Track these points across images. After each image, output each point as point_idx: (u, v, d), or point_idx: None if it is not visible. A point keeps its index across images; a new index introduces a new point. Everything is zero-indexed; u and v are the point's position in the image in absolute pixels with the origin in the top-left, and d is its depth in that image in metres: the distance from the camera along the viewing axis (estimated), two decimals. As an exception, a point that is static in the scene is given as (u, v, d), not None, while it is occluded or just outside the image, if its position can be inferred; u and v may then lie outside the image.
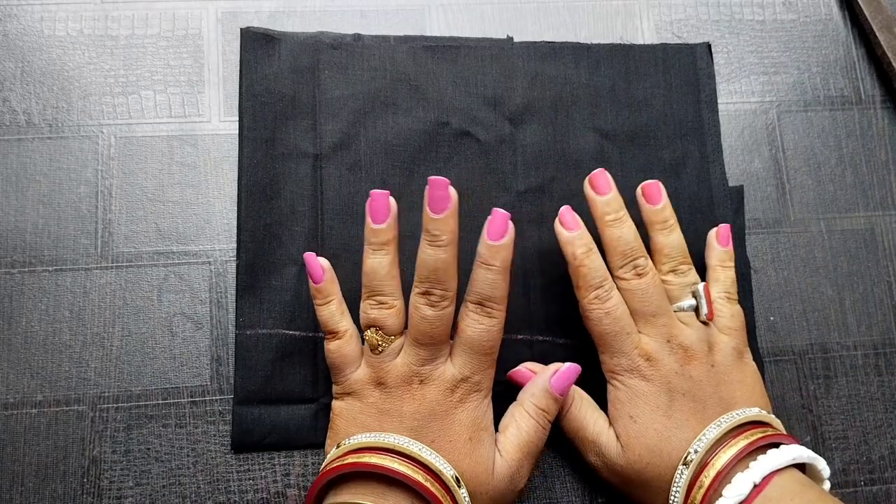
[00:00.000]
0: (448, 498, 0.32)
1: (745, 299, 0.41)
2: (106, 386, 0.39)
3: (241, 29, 0.42)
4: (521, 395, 0.37)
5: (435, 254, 0.33)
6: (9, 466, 0.37)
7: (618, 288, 0.36)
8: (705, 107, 0.44)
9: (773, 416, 0.36)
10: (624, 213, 0.37)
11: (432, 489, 0.31)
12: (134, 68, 0.43)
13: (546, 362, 0.39)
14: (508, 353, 0.39)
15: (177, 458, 0.38)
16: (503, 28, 0.45)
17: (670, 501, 0.33)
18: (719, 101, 0.45)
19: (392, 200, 0.35)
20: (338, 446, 0.34)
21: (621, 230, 0.36)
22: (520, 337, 0.40)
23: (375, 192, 0.34)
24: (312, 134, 0.41)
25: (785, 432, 0.35)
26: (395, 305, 0.35)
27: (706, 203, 0.42)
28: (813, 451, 0.40)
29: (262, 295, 0.39)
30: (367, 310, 0.35)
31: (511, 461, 0.35)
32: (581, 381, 0.38)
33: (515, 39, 0.44)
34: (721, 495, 0.32)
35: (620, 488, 0.37)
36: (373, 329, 0.35)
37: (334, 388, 0.36)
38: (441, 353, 0.35)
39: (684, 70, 0.44)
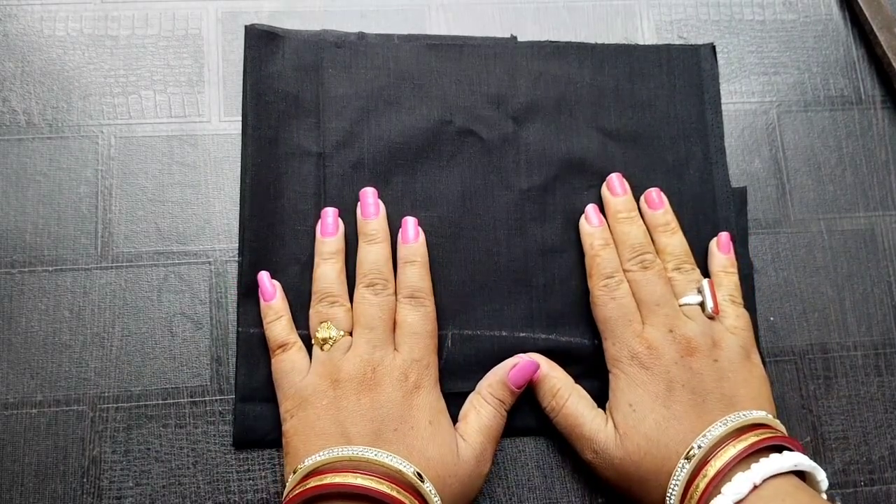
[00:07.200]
0: (412, 497, 0.32)
1: (749, 301, 0.41)
2: (106, 386, 0.39)
3: (245, 26, 0.42)
4: (480, 385, 0.38)
5: (374, 249, 0.38)
6: (9, 466, 0.37)
7: (627, 281, 0.38)
8: (709, 108, 0.44)
9: (778, 421, 0.35)
10: (636, 213, 0.40)
11: (395, 494, 0.31)
12: (134, 68, 0.43)
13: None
14: (511, 352, 0.39)
15: (177, 458, 0.38)
16: (503, 28, 0.45)
17: (668, 494, 0.33)
18: (719, 101, 0.45)
19: (340, 220, 0.40)
20: (294, 472, 0.33)
21: (631, 227, 0.40)
22: (522, 335, 0.40)
23: (327, 209, 0.40)
24: (316, 132, 0.41)
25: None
26: (344, 304, 0.38)
27: (709, 204, 0.42)
28: (813, 451, 0.40)
29: (265, 293, 0.39)
30: (319, 309, 0.37)
31: (474, 444, 0.36)
32: (581, 382, 0.39)
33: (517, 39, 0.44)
34: (720, 492, 0.32)
35: (617, 484, 0.36)
36: (325, 324, 0.37)
37: (283, 408, 0.36)
38: (388, 341, 0.37)
39: (688, 71, 0.44)
